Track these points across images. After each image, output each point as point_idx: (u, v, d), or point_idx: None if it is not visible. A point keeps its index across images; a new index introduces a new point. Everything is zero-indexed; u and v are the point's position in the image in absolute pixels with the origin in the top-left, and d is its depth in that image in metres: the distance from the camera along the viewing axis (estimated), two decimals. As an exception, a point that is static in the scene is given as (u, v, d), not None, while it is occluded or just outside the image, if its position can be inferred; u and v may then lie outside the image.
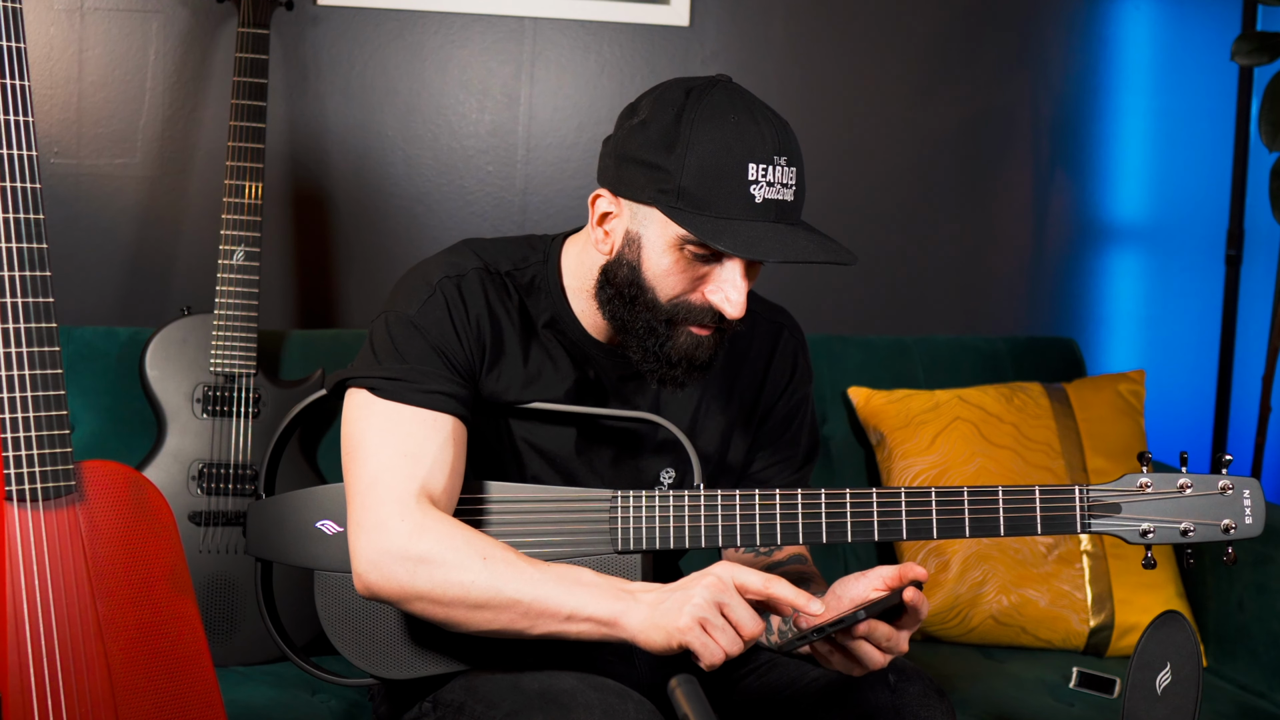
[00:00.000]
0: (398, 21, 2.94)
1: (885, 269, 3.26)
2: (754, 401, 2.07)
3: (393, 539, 1.79)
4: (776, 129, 1.81)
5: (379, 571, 1.80)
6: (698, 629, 1.69)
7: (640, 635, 1.73)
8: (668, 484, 2.00)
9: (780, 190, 1.79)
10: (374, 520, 1.81)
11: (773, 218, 1.79)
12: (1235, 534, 1.88)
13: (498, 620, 1.78)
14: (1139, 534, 1.88)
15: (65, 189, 2.80)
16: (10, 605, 1.78)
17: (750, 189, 1.78)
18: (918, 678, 1.90)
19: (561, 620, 1.76)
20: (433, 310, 1.90)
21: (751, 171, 1.78)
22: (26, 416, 1.78)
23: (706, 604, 1.70)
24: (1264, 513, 1.89)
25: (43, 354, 1.80)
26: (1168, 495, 1.89)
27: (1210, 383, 3.49)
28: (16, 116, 1.78)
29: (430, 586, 1.78)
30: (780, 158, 1.79)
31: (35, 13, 2.75)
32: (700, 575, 1.73)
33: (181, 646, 1.89)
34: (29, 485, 1.79)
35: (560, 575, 1.77)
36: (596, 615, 1.75)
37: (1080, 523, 1.88)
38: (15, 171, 1.78)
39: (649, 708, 1.80)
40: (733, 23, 3.11)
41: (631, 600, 1.74)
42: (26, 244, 1.79)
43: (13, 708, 1.78)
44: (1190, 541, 1.89)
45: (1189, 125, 3.40)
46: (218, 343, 2.52)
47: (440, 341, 1.89)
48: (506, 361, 1.95)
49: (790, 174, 1.80)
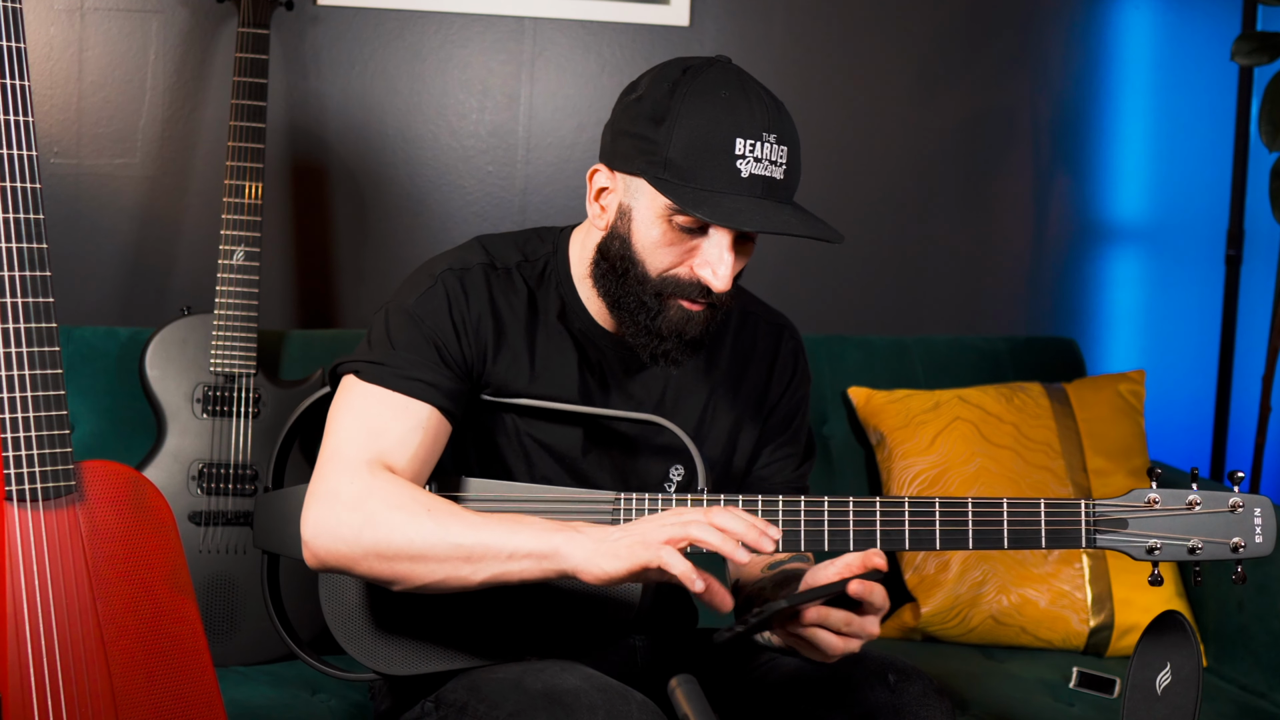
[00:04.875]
0: (398, 21, 2.94)
1: (885, 269, 3.26)
2: (759, 401, 2.07)
3: (340, 503, 1.80)
4: (769, 107, 1.82)
5: (325, 537, 1.81)
6: (669, 547, 1.66)
7: (584, 564, 1.70)
8: (677, 481, 2.00)
9: (769, 167, 1.80)
10: (325, 489, 1.82)
11: (760, 193, 1.80)
12: (1245, 553, 1.85)
13: (441, 570, 1.77)
14: (1145, 550, 1.86)
15: (65, 189, 2.80)
16: (10, 605, 1.78)
17: (737, 163, 1.79)
18: (918, 678, 1.90)
19: (504, 560, 1.75)
20: (431, 301, 1.91)
21: (739, 146, 1.79)
22: (26, 416, 1.78)
23: (678, 524, 1.69)
24: (1275, 532, 1.85)
25: (43, 354, 1.80)
26: (1176, 512, 1.86)
27: (1210, 383, 3.48)
28: (16, 116, 1.78)
29: (374, 541, 1.78)
30: (770, 135, 1.80)
31: (35, 13, 2.75)
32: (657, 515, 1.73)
33: (181, 646, 1.89)
34: (29, 485, 1.79)
35: (503, 519, 1.77)
36: (536, 550, 1.73)
37: (1085, 538, 1.85)
38: (15, 171, 1.78)
39: (652, 708, 1.80)
40: (733, 22, 3.11)
41: (573, 532, 1.73)
42: (26, 244, 1.79)
43: (13, 708, 1.78)
44: (1198, 559, 1.86)
45: (1189, 125, 3.40)
46: (218, 343, 2.52)
47: (435, 332, 1.90)
48: (512, 356, 1.95)
49: (781, 152, 1.81)
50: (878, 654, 1.95)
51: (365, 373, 1.88)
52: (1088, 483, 2.78)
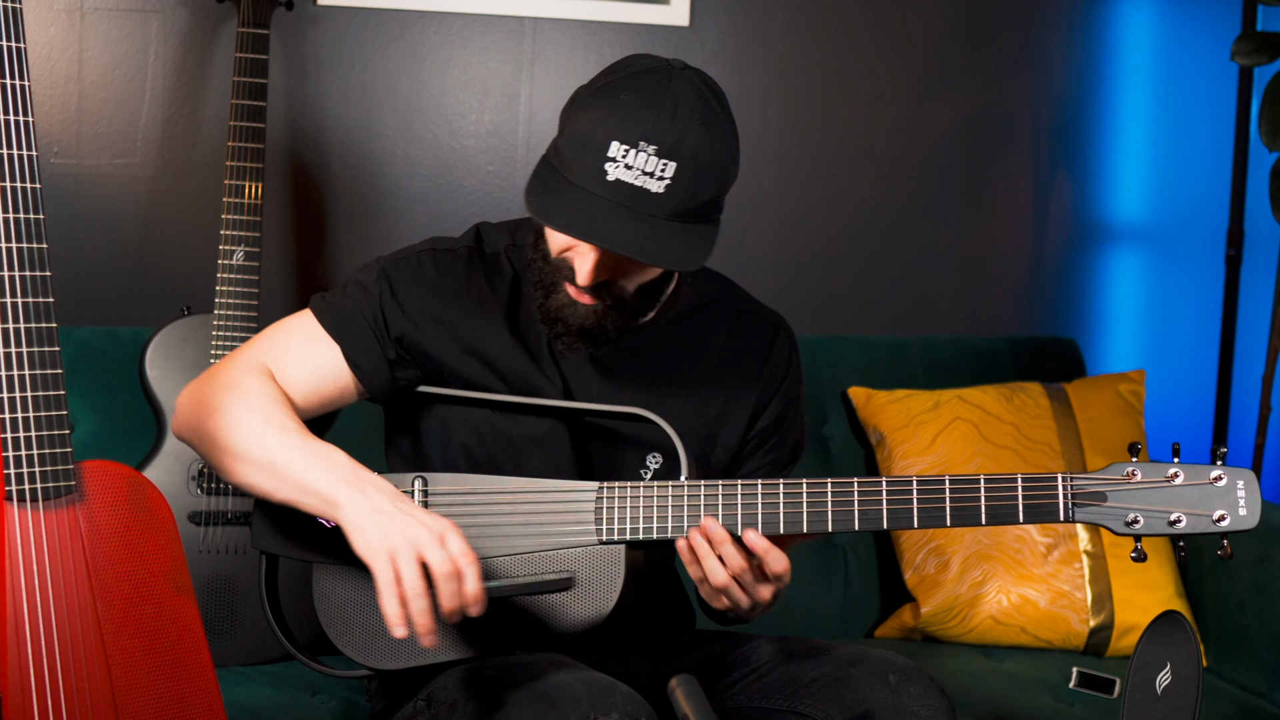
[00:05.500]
0: (398, 21, 2.94)
1: (885, 269, 3.26)
2: (747, 400, 2.07)
3: (210, 383, 1.94)
4: (670, 120, 1.81)
5: (182, 408, 1.98)
6: (390, 560, 1.75)
7: (351, 529, 1.78)
8: (654, 468, 2.00)
9: (639, 176, 1.80)
10: (211, 369, 1.99)
11: (620, 199, 1.80)
12: (1228, 525, 1.81)
13: (254, 476, 1.87)
14: (1125, 524, 1.83)
15: (65, 189, 2.80)
16: (10, 605, 1.78)
17: (605, 165, 1.80)
18: (919, 677, 1.90)
19: (299, 490, 1.83)
20: (401, 269, 2.02)
21: (613, 149, 1.80)
22: (26, 416, 1.78)
23: (422, 541, 1.75)
24: (1259, 504, 1.81)
25: (43, 354, 1.79)
26: (1156, 484, 1.83)
27: (1210, 383, 3.48)
28: (16, 116, 1.78)
29: (212, 429, 1.89)
30: (649, 145, 1.80)
31: (35, 13, 2.75)
32: (434, 516, 1.78)
33: (181, 647, 1.89)
34: (29, 485, 1.79)
35: (317, 450, 1.84)
36: (324, 494, 1.81)
37: (1064, 512, 1.83)
38: (15, 171, 1.78)
39: (637, 698, 1.81)
40: (733, 23, 3.11)
41: (359, 493, 1.79)
42: (26, 244, 1.79)
43: (13, 708, 1.78)
44: (1179, 532, 1.82)
45: (1189, 125, 3.40)
46: (218, 343, 2.52)
47: (381, 302, 1.99)
48: (490, 338, 2.00)
49: (661, 165, 1.80)
50: (878, 654, 1.95)
51: (314, 303, 2.01)
52: (1088, 483, 2.78)
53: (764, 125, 3.14)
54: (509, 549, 1.94)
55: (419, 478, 1.96)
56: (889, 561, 2.85)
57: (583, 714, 1.75)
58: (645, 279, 1.92)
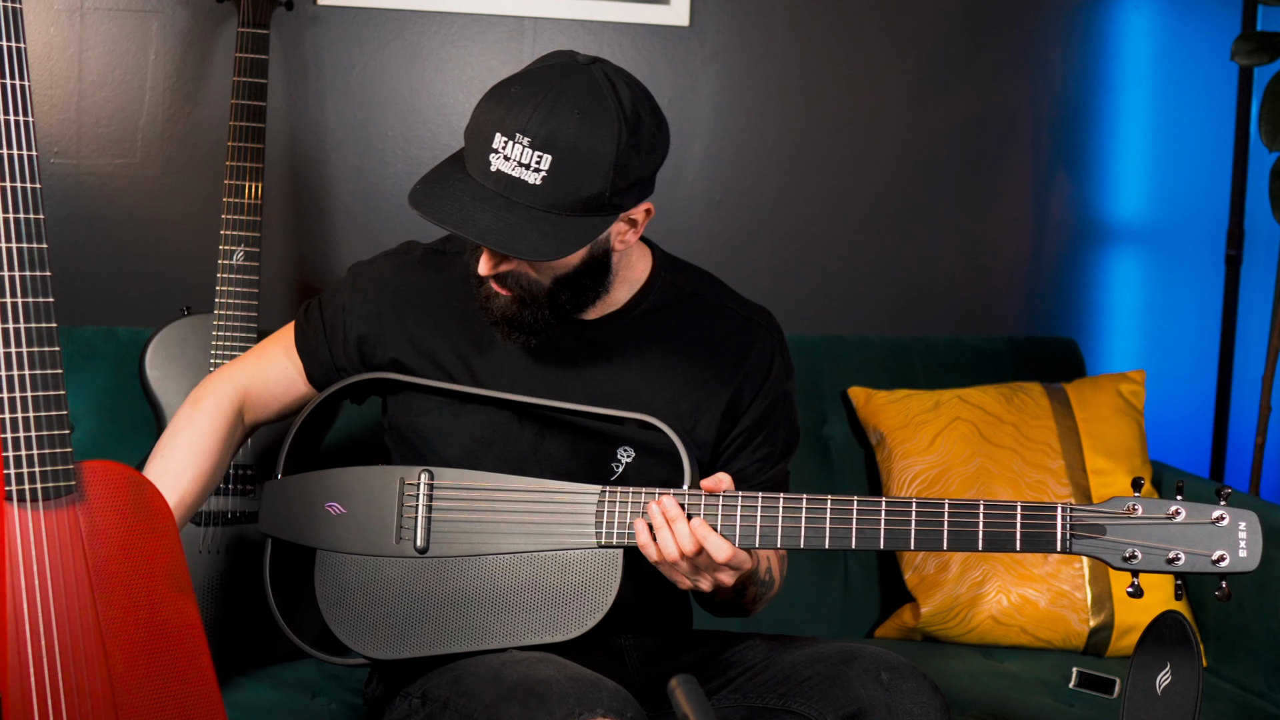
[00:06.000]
0: (398, 21, 2.94)
1: (885, 269, 3.26)
2: (721, 395, 2.06)
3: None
4: (545, 115, 1.83)
5: None
6: None
7: None
8: (626, 461, 2.01)
9: (516, 168, 1.84)
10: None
11: (500, 189, 1.85)
12: (1227, 566, 1.79)
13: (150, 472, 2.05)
14: (1122, 559, 1.82)
15: (65, 189, 2.80)
16: (10, 605, 1.78)
17: (490, 155, 1.85)
18: (911, 674, 1.91)
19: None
20: (371, 268, 2.13)
21: (496, 140, 1.85)
22: (26, 416, 1.78)
23: None
24: (1260, 547, 1.79)
25: (43, 354, 1.79)
26: (1157, 521, 1.82)
27: (1210, 383, 3.48)
28: (16, 116, 1.78)
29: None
30: (524, 138, 1.83)
31: (35, 13, 2.75)
32: None
33: (181, 647, 1.89)
34: (29, 485, 1.79)
35: (162, 456, 2.06)
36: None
37: (1062, 543, 1.83)
38: (15, 171, 1.78)
39: (624, 694, 1.82)
40: (733, 23, 3.11)
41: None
42: (26, 244, 1.79)
43: (13, 708, 1.78)
44: (1178, 570, 1.81)
45: (1189, 125, 3.40)
46: (218, 343, 2.52)
47: (349, 305, 2.09)
48: (433, 337, 2.05)
49: (535, 158, 1.83)
50: (871, 651, 1.96)
51: (298, 314, 2.16)
52: (1087, 483, 2.78)
53: (764, 125, 3.14)
54: (509, 547, 1.95)
55: (425, 471, 1.98)
56: (889, 561, 2.85)
57: (569, 710, 1.76)
58: (559, 272, 1.93)
